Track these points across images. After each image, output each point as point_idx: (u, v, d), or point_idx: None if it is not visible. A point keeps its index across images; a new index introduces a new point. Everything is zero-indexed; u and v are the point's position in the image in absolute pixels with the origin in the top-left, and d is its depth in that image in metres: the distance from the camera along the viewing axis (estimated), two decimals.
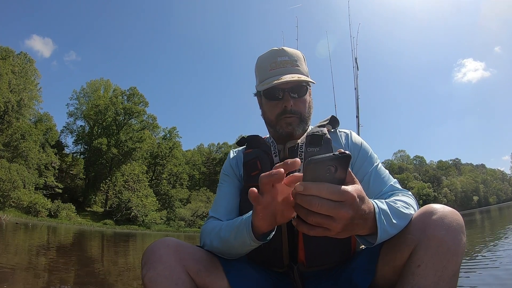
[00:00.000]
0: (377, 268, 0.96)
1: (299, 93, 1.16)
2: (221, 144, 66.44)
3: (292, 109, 1.15)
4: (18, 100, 35.99)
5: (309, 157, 0.75)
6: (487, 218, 18.22)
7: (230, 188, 1.24)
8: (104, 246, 10.11)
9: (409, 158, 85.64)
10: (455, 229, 0.84)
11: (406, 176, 71.39)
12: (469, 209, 63.57)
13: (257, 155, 1.19)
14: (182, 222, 42.62)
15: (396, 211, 0.87)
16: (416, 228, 0.87)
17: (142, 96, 49.13)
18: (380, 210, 0.80)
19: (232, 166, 1.28)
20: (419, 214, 0.90)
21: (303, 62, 1.22)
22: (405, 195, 1.04)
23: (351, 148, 1.20)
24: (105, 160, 44.70)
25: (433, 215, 0.86)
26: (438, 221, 0.85)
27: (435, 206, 0.89)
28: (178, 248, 0.93)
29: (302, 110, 1.18)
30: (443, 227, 0.84)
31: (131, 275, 4.14)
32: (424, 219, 0.87)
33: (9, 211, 27.34)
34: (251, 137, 1.29)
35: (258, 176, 0.97)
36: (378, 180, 1.12)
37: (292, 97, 1.15)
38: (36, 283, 3.08)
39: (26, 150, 34.59)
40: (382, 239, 0.81)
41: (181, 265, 0.90)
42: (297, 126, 1.17)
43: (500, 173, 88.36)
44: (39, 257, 5.31)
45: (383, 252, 0.95)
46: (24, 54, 40.05)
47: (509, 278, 2.71)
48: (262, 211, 0.76)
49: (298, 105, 1.17)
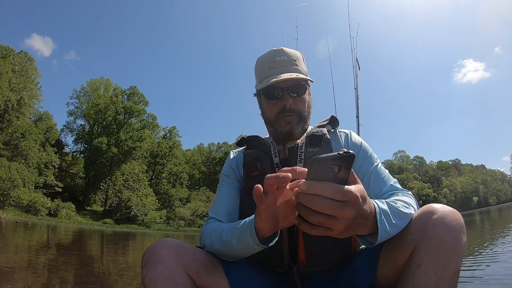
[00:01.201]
0: (378, 268, 0.96)
1: (298, 92, 1.17)
2: (221, 144, 66.42)
3: (291, 107, 1.15)
4: (18, 99, 35.95)
5: (309, 157, 0.82)
6: (487, 219, 18.22)
7: (230, 189, 1.24)
8: (103, 245, 10.11)
9: (409, 159, 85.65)
10: (455, 228, 0.84)
11: (406, 176, 71.37)
12: (469, 209, 63.57)
13: (257, 155, 1.19)
14: (182, 222, 42.62)
15: (396, 211, 0.87)
16: (417, 228, 0.87)
17: (142, 95, 49.14)
18: (380, 210, 0.80)
19: (232, 166, 1.28)
20: (419, 214, 0.90)
21: (302, 62, 1.22)
22: (405, 194, 1.04)
23: (351, 148, 1.19)
24: (105, 159, 44.64)
25: (434, 215, 0.86)
26: (439, 220, 0.85)
27: (436, 206, 0.89)
28: (178, 249, 0.93)
29: (301, 109, 1.18)
30: (444, 227, 0.83)
31: (131, 275, 4.14)
32: (424, 219, 0.87)
33: (9, 210, 27.28)
34: (251, 137, 1.29)
35: (258, 176, 1.02)
36: (378, 180, 1.12)
37: (291, 96, 1.15)
38: (36, 283, 3.08)
39: (26, 149, 34.55)
40: (382, 239, 0.82)
41: (181, 266, 0.90)
42: (296, 125, 1.17)
43: (500, 174, 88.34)
44: (39, 256, 5.31)
45: (383, 252, 0.95)
46: (25, 53, 39.98)
47: (507, 278, 2.72)
48: (264, 212, 0.77)
49: (297, 103, 1.17)
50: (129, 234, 22.40)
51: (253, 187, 0.74)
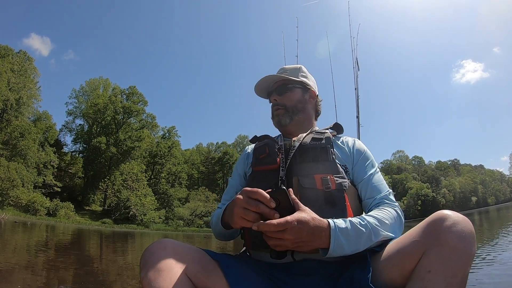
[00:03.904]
0: (385, 271, 0.96)
1: (281, 90, 1.40)
2: (220, 144, 66.46)
3: (278, 102, 1.39)
4: (17, 98, 35.89)
5: (307, 149, 1.21)
6: (486, 219, 18.26)
7: (236, 181, 1.42)
8: (102, 245, 10.10)
9: (408, 159, 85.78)
10: (467, 237, 0.84)
11: (405, 176, 71.49)
12: (468, 209, 63.65)
13: (266, 142, 1.35)
14: (181, 222, 42.60)
15: (356, 228, 0.98)
16: (428, 234, 0.88)
17: (141, 95, 49.09)
18: (336, 227, 0.96)
19: (243, 159, 1.46)
20: (431, 220, 0.90)
21: (297, 71, 1.43)
22: (388, 208, 1.12)
23: (355, 154, 1.28)
24: (104, 159, 44.60)
25: (446, 222, 0.86)
26: (451, 228, 0.85)
27: (448, 213, 0.89)
28: (176, 250, 0.93)
29: (287, 102, 1.38)
30: (456, 234, 0.84)
31: (130, 274, 4.14)
32: (436, 225, 0.87)
33: (8, 209, 27.26)
34: (262, 136, 1.46)
35: (265, 159, 1.27)
36: (372, 188, 1.20)
37: (277, 93, 1.40)
38: (35, 282, 3.08)
39: (25, 149, 34.48)
40: (336, 253, 0.96)
41: (178, 266, 0.90)
42: (283, 116, 1.37)
43: (498, 174, 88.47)
44: (38, 256, 5.31)
45: (392, 254, 0.96)
46: (24, 53, 39.89)
47: (505, 277, 2.72)
48: (229, 208, 1.09)
49: (283, 99, 1.38)
50: (128, 234, 22.40)
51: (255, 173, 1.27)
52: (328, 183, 1.11)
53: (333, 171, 1.16)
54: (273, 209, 0.91)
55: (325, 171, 1.15)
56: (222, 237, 1.29)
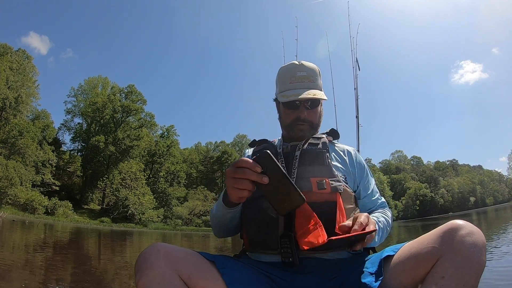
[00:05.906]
0: (396, 275, 0.96)
1: (312, 106, 1.35)
2: (218, 143, 66.42)
3: (305, 118, 1.34)
4: (15, 96, 35.77)
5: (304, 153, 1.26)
6: (484, 219, 18.31)
7: None
8: (101, 244, 10.09)
9: (407, 159, 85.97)
10: (480, 247, 0.86)
11: (403, 176, 71.66)
12: (466, 210, 63.86)
13: (265, 146, 1.40)
14: (179, 221, 42.57)
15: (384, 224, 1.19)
16: (444, 240, 0.89)
17: (140, 94, 48.97)
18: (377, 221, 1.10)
19: None
20: (447, 228, 0.92)
21: (318, 77, 1.39)
22: (388, 212, 1.32)
23: (357, 165, 1.37)
24: (102, 157, 44.48)
25: (461, 231, 0.89)
26: (467, 237, 0.87)
27: (461, 222, 0.92)
28: (169, 254, 0.93)
29: (313, 119, 1.36)
30: (472, 244, 0.86)
31: (128, 273, 4.13)
32: (452, 233, 0.89)
33: (6, 208, 27.19)
34: (260, 140, 1.49)
35: None
36: (373, 202, 1.35)
37: (306, 109, 1.34)
38: (33, 281, 3.07)
39: (23, 147, 34.38)
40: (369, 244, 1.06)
41: (172, 270, 0.90)
42: (308, 132, 1.35)
43: (497, 174, 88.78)
44: (36, 255, 5.30)
45: (405, 259, 0.96)
46: (23, 51, 39.78)
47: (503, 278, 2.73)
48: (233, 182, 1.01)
49: (310, 115, 1.35)
50: (126, 233, 22.39)
51: None
52: (323, 186, 1.17)
53: (328, 174, 1.21)
54: (260, 173, 0.92)
55: (320, 175, 1.20)
56: (221, 227, 1.29)
